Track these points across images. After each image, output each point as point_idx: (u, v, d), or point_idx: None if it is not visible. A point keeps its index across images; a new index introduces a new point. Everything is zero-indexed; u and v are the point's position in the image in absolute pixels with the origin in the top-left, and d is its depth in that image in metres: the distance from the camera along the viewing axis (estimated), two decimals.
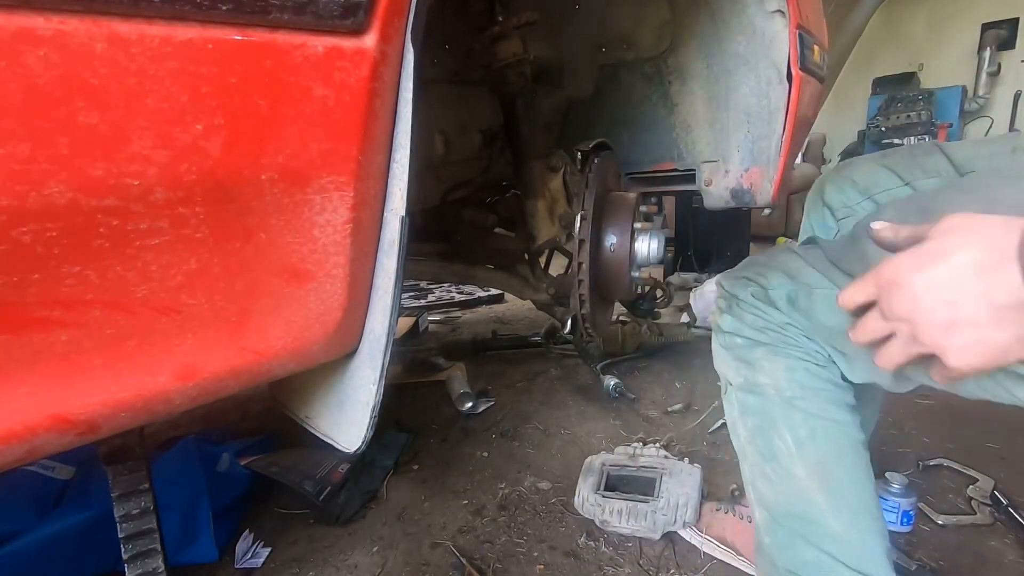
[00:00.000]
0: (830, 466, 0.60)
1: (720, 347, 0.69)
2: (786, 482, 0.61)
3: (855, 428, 0.61)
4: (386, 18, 0.48)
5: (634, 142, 1.56)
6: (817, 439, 0.60)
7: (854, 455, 0.61)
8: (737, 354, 0.65)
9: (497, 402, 1.58)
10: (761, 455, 0.63)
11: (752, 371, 0.64)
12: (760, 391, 0.63)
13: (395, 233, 0.57)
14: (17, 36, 0.34)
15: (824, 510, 0.59)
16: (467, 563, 0.95)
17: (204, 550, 0.95)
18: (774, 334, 0.63)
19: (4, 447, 0.42)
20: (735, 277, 0.69)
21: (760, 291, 0.64)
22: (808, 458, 0.60)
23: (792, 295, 0.62)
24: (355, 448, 0.65)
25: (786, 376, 0.61)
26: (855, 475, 0.61)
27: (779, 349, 0.62)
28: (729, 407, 0.68)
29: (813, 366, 0.61)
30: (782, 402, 0.61)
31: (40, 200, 0.37)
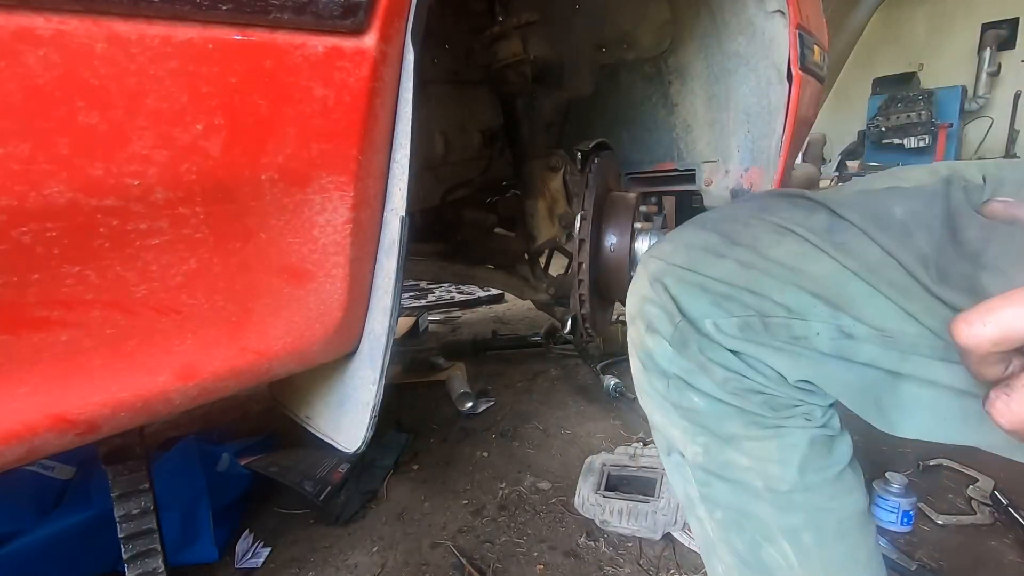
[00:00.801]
0: (844, 572, 0.44)
1: (655, 392, 0.45)
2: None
3: (864, 499, 0.44)
4: (386, 18, 0.48)
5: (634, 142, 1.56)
6: (827, 544, 0.43)
7: (868, 545, 0.45)
8: (693, 418, 0.43)
9: (497, 402, 1.58)
10: (743, 561, 0.45)
11: (719, 446, 0.43)
12: (736, 477, 0.43)
13: (395, 233, 0.57)
14: (17, 36, 0.34)
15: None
16: (467, 563, 0.95)
17: (204, 550, 0.95)
18: (759, 395, 0.41)
19: (4, 447, 0.42)
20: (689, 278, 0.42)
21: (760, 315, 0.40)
22: (815, 570, 0.43)
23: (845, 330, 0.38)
24: (355, 448, 0.65)
25: (780, 458, 0.41)
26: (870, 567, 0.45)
27: (766, 419, 0.41)
28: (680, 479, 0.47)
29: (815, 431, 0.42)
30: (775, 498, 0.42)
31: (40, 200, 0.37)
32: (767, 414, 0.41)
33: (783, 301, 0.39)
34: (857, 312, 0.38)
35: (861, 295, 0.38)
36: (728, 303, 0.41)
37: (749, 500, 0.43)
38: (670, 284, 0.43)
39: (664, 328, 0.43)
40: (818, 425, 0.42)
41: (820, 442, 0.42)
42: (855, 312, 0.38)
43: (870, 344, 0.38)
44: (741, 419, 0.42)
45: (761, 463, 0.42)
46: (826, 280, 0.38)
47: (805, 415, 0.42)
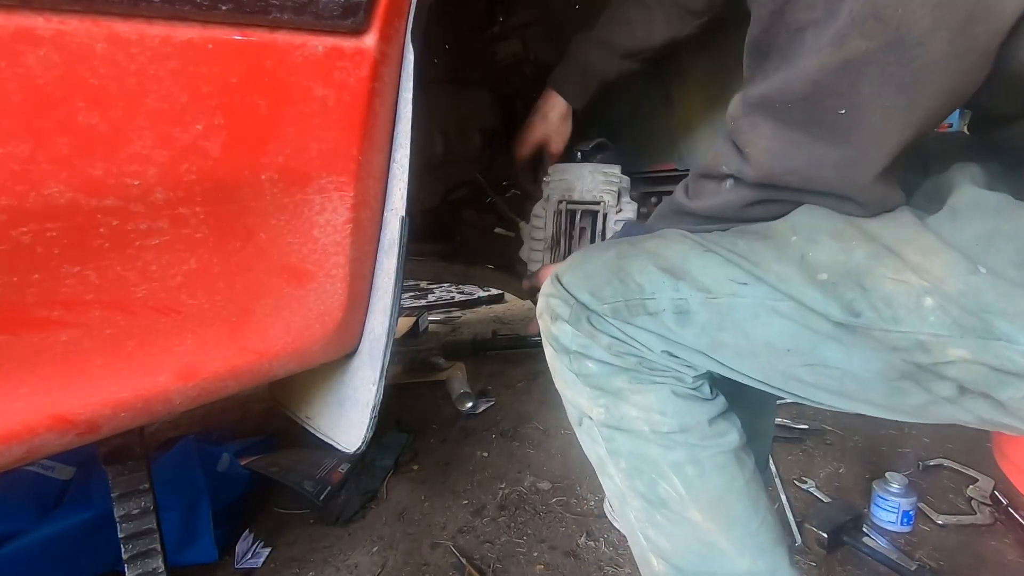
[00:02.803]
0: (726, 501, 0.53)
1: (564, 368, 0.56)
2: (682, 529, 0.53)
3: (738, 440, 0.54)
4: (386, 18, 0.48)
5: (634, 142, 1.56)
6: (707, 475, 0.52)
7: (744, 476, 0.54)
8: (591, 381, 0.54)
9: (497, 402, 1.58)
10: (646, 501, 0.54)
11: (615, 402, 0.53)
12: (630, 427, 0.53)
13: (395, 233, 0.57)
14: (17, 36, 0.34)
15: (729, 552, 0.52)
16: (467, 563, 0.95)
17: (204, 550, 0.95)
18: (634, 358, 0.52)
19: (4, 447, 0.42)
20: (581, 268, 0.55)
21: (625, 300, 0.51)
22: (702, 499, 0.52)
23: (682, 306, 0.49)
24: (355, 448, 0.65)
25: (659, 408, 0.51)
26: (751, 499, 0.54)
27: (643, 375, 0.52)
28: (591, 443, 0.57)
29: (684, 389, 0.52)
30: (660, 439, 0.52)
31: (40, 200, 0.37)
32: (644, 372, 0.52)
33: (641, 280, 0.51)
34: (690, 279, 0.49)
35: (696, 265, 0.49)
36: (603, 290, 0.53)
37: (642, 444, 0.53)
38: (565, 281, 0.55)
39: (563, 312, 0.54)
40: (689, 387, 0.52)
41: (691, 397, 0.52)
42: (689, 279, 0.49)
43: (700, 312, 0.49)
44: (625, 375, 0.52)
45: (646, 412, 0.52)
46: (674, 258, 0.51)
47: (676, 377, 0.52)
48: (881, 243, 0.43)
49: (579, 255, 0.58)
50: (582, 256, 0.57)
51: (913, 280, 0.41)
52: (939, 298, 0.40)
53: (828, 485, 1.15)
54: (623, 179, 0.98)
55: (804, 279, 0.45)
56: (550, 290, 0.57)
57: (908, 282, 0.41)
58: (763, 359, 0.48)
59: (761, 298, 0.46)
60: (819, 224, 0.47)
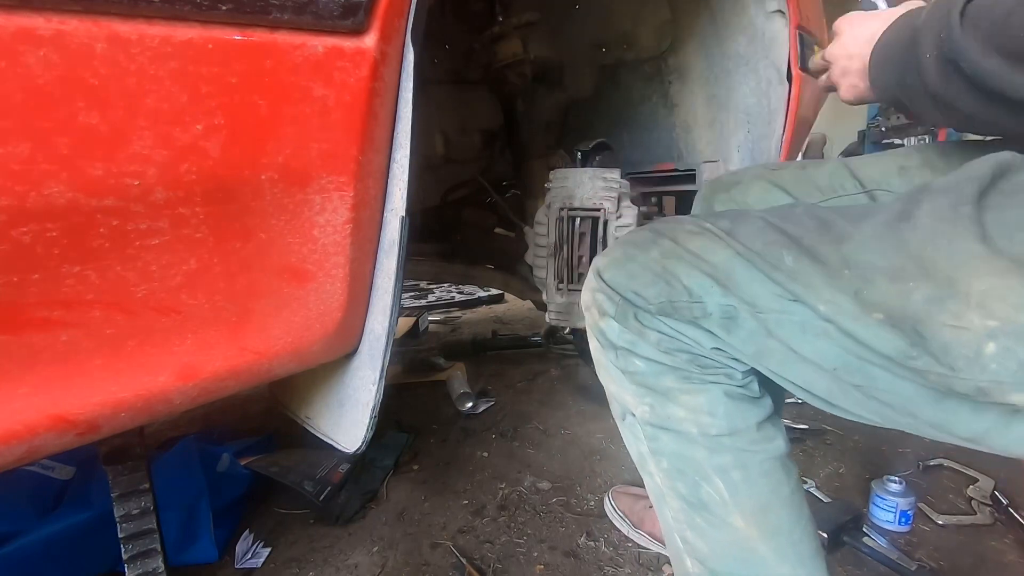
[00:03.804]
0: (771, 508, 0.51)
1: (609, 363, 0.55)
2: (722, 534, 0.52)
3: (785, 447, 0.53)
4: (386, 18, 0.48)
5: (634, 142, 1.56)
6: (753, 480, 0.51)
7: (790, 483, 0.53)
8: (638, 379, 0.53)
9: (497, 402, 1.58)
10: (687, 503, 0.53)
11: (662, 402, 0.52)
12: (676, 428, 0.52)
13: (395, 233, 0.57)
14: (17, 36, 0.34)
15: (768, 559, 0.51)
16: (467, 563, 0.95)
17: (204, 550, 0.95)
18: (686, 356, 0.51)
19: (4, 447, 0.42)
20: (624, 267, 0.54)
21: (671, 302, 0.50)
22: (746, 505, 0.51)
23: (730, 312, 0.49)
24: (355, 448, 0.65)
25: (709, 409, 0.50)
26: (795, 507, 0.53)
27: (694, 375, 0.51)
28: (633, 439, 0.56)
29: (735, 389, 0.51)
30: (707, 442, 0.51)
31: (40, 200, 0.37)
32: (694, 371, 0.51)
33: (688, 283, 0.50)
34: (738, 290, 0.48)
35: (743, 277, 0.48)
36: (648, 289, 0.51)
37: (687, 446, 0.52)
38: (608, 277, 0.54)
39: (610, 308, 0.54)
40: (738, 384, 0.51)
41: (741, 397, 0.51)
42: (737, 290, 0.48)
43: (747, 320, 0.48)
44: (674, 375, 0.52)
45: (694, 413, 0.51)
46: (720, 265, 0.49)
47: (726, 374, 0.51)
48: (942, 277, 0.40)
49: (618, 250, 0.56)
50: (622, 252, 0.55)
51: (976, 323, 0.38)
52: (1004, 340, 0.37)
53: (828, 485, 1.15)
54: (623, 184, 0.99)
55: (858, 313, 0.43)
56: (593, 284, 0.56)
57: (969, 328, 0.39)
58: (809, 369, 0.47)
59: (810, 318, 0.45)
60: (875, 261, 0.43)
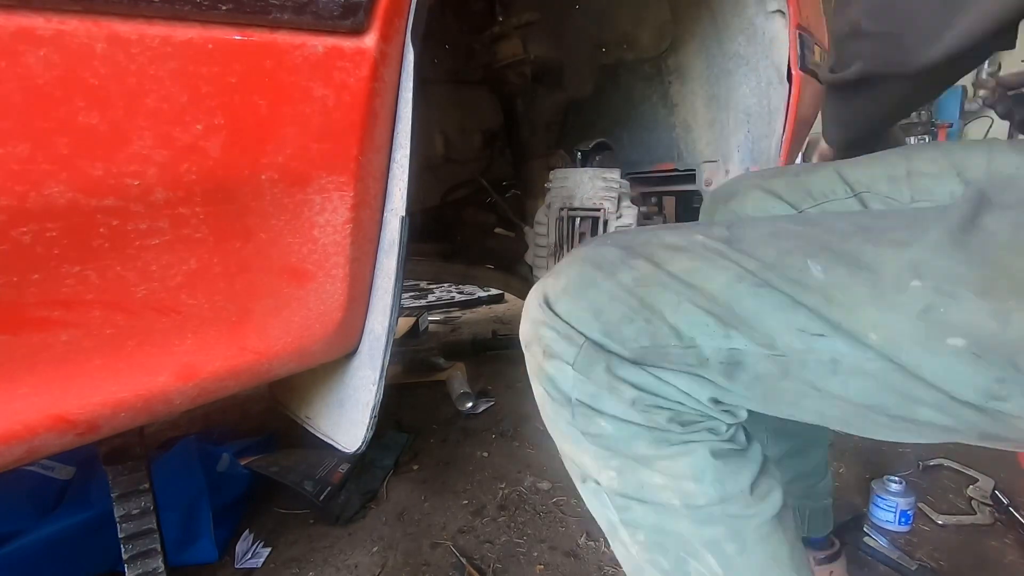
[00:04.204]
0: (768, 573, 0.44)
1: (564, 423, 0.44)
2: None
3: (781, 500, 0.44)
4: (386, 18, 0.48)
5: (634, 142, 1.56)
6: (749, 550, 0.42)
7: (788, 542, 0.45)
8: (602, 443, 0.42)
9: (497, 402, 1.58)
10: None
11: (633, 468, 0.42)
12: (653, 498, 0.42)
13: (395, 233, 0.57)
14: (17, 36, 0.34)
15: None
16: (467, 563, 0.95)
17: (204, 550, 0.95)
18: (668, 413, 0.41)
19: (4, 447, 0.42)
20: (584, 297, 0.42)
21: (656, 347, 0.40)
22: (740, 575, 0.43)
23: (735, 356, 0.39)
24: (355, 448, 0.65)
25: (694, 474, 0.41)
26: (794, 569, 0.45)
27: (671, 434, 0.41)
28: (599, 506, 0.46)
29: (721, 445, 0.42)
30: (694, 514, 0.41)
31: (40, 200, 0.37)
32: (675, 430, 0.41)
33: (675, 322, 0.40)
34: (745, 328, 0.38)
35: (750, 309, 0.38)
36: (621, 330, 0.40)
37: (669, 519, 0.42)
38: (563, 309, 0.42)
39: (566, 352, 0.42)
40: (724, 439, 0.42)
41: (729, 454, 0.42)
42: (743, 328, 0.38)
43: (758, 364, 0.39)
44: (650, 438, 0.41)
45: (676, 480, 0.41)
46: (719, 295, 0.39)
47: (710, 429, 0.42)
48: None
49: (573, 270, 0.43)
50: (578, 275, 0.43)
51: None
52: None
53: None
54: (623, 184, 0.99)
55: (923, 341, 0.34)
56: (540, 316, 0.43)
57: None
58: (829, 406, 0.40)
59: (844, 353, 0.36)
60: (957, 270, 0.34)
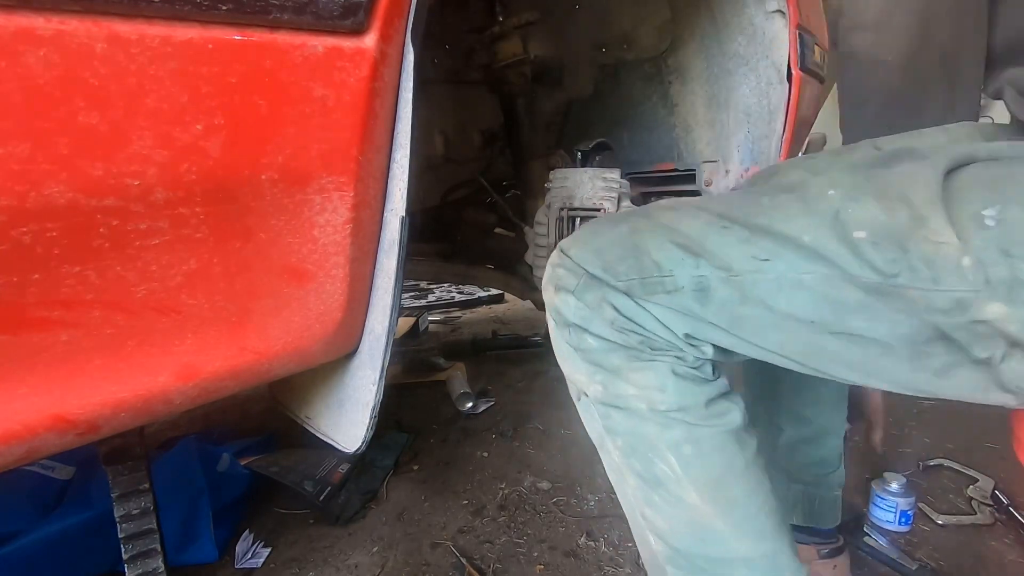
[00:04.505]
0: (725, 482, 0.51)
1: (564, 343, 0.55)
2: (678, 510, 0.52)
3: (740, 420, 0.52)
4: (386, 18, 0.48)
5: (634, 142, 1.56)
6: (705, 454, 0.51)
7: (744, 457, 0.52)
8: (589, 357, 0.53)
9: (497, 402, 1.58)
10: (643, 480, 0.53)
11: (612, 380, 0.52)
12: (626, 405, 0.51)
13: (395, 233, 0.57)
14: (17, 36, 0.34)
15: (727, 536, 0.51)
16: (467, 563, 0.95)
17: (204, 550, 0.95)
18: (637, 335, 0.51)
19: (4, 447, 0.42)
20: (590, 244, 0.53)
21: (641, 279, 0.50)
22: (699, 479, 0.51)
23: (702, 283, 0.48)
24: (355, 448, 0.65)
25: (657, 385, 0.50)
26: (751, 482, 0.53)
27: (643, 353, 0.51)
28: (589, 419, 0.57)
29: (684, 368, 0.51)
30: (657, 417, 0.50)
31: (40, 200, 0.37)
32: (645, 350, 0.51)
33: (657, 258, 0.49)
34: (710, 256, 0.48)
35: (715, 243, 0.48)
36: (617, 266, 0.50)
37: (639, 423, 0.52)
38: (573, 253, 0.53)
39: (570, 283, 0.52)
40: (688, 365, 0.51)
41: (690, 376, 0.51)
42: (708, 256, 0.48)
43: (720, 289, 0.48)
44: (624, 353, 0.51)
45: (643, 390, 0.51)
46: (693, 235, 0.49)
47: (677, 356, 0.51)
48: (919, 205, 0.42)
49: (587, 229, 0.55)
50: (591, 230, 0.55)
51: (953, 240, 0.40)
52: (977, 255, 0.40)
53: None
54: (623, 184, 0.98)
55: (836, 236, 0.43)
56: (555, 260, 0.55)
57: (949, 243, 0.40)
58: (785, 332, 0.48)
59: (784, 271, 0.46)
60: (860, 183, 0.45)
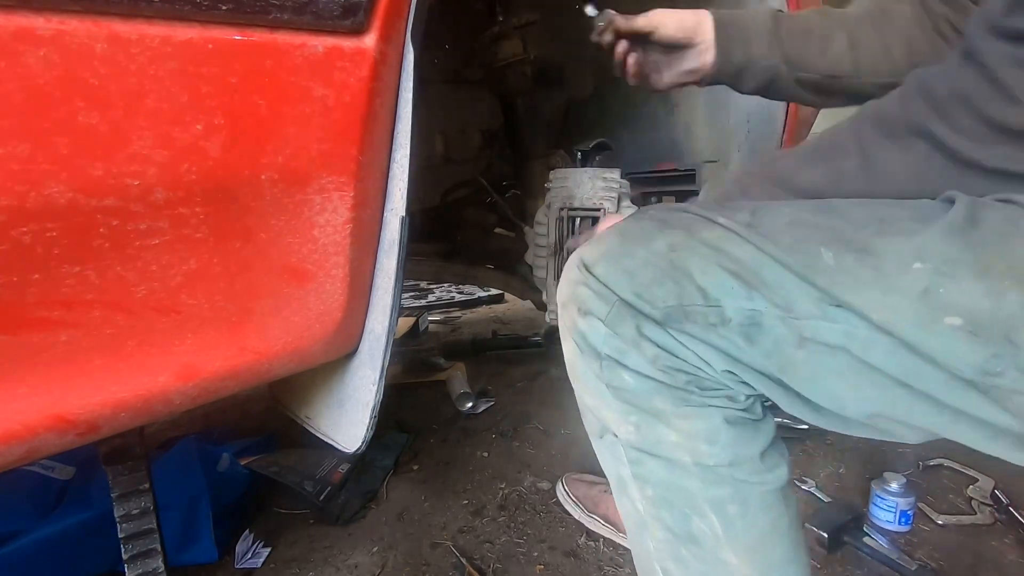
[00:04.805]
0: (768, 544, 0.46)
1: (589, 373, 0.47)
2: (710, 569, 0.47)
3: (787, 476, 0.47)
4: (386, 18, 0.48)
5: (634, 142, 1.56)
6: (751, 515, 0.45)
7: (789, 516, 0.47)
8: (625, 396, 0.45)
9: (497, 402, 1.58)
10: (673, 534, 0.47)
11: (651, 424, 0.45)
12: (666, 455, 0.45)
13: (395, 233, 0.57)
14: (17, 36, 0.34)
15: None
16: (467, 563, 0.95)
17: (204, 550, 0.95)
18: (685, 375, 0.44)
19: (4, 447, 0.42)
20: (621, 262, 0.45)
21: (682, 306, 0.42)
22: (740, 541, 0.45)
23: (755, 318, 0.41)
24: (355, 448, 0.65)
25: (707, 436, 0.44)
26: (793, 543, 0.48)
27: (693, 396, 0.44)
28: (612, 460, 0.49)
29: (737, 413, 0.45)
30: (703, 473, 0.44)
31: (40, 200, 0.37)
32: (694, 391, 0.44)
33: (703, 284, 0.42)
34: (767, 290, 0.41)
35: (772, 277, 0.41)
36: (652, 290, 0.43)
37: (679, 475, 0.45)
38: (600, 272, 0.46)
39: (599, 309, 0.45)
40: (741, 408, 0.45)
41: (743, 423, 0.45)
42: (765, 290, 0.41)
43: (776, 327, 0.41)
44: (669, 395, 0.44)
45: (689, 439, 0.44)
46: (746, 262, 0.42)
47: (729, 396, 0.45)
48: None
49: (614, 241, 0.47)
50: (619, 245, 0.46)
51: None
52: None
53: (828, 485, 1.15)
54: (623, 184, 0.98)
55: (922, 319, 0.36)
56: (578, 277, 0.47)
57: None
58: (846, 386, 0.41)
59: (854, 331, 0.39)
60: (955, 255, 0.36)
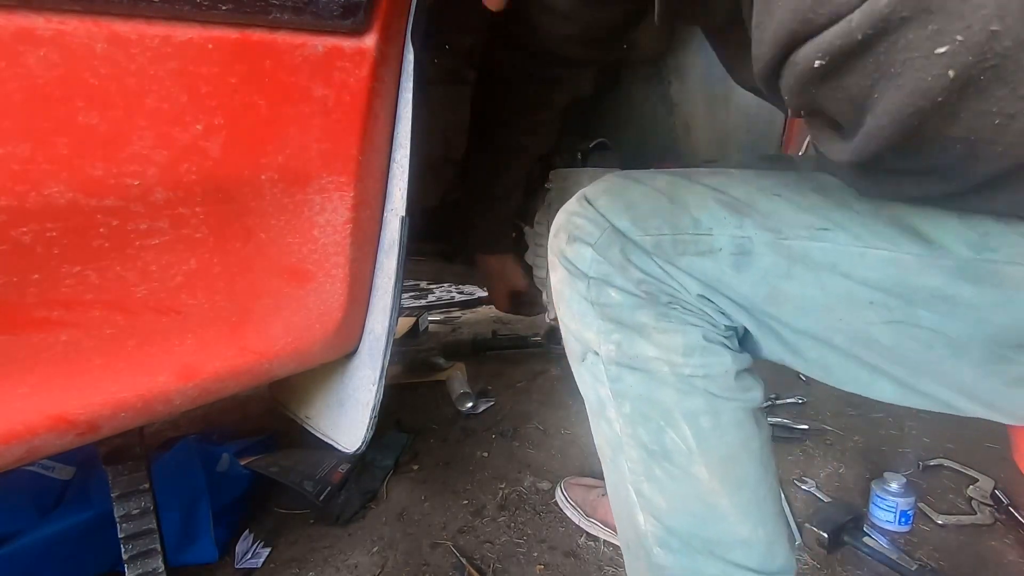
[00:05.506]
0: (738, 461, 0.47)
1: (575, 295, 0.49)
2: (683, 486, 0.47)
3: (760, 400, 0.48)
4: (386, 18, 0.48)
5: (634, 142, 1.56)
6: (723, 429, 0.46)
7: (761, 437, 0.49)
8: (608, 312, 0.47)
9: (497, 402, 1.58)
10: (647, 451, 0.48)
11: (632, 339, 0.47)
12: (644, 367, 0.46)
13: (395, 233, 0.57)
14: (17, 36, 0.34)
15: (730, 516, 0.47)
16: (467, 563, 0.95)
17: (204, 550, 0.95)
18: (668, 296, 0.46)
19: (4, 447, 0.42)
20: (622, 195, 0.48)
21: (673, 236, 0.45)
22: (712, 454, 0.46)
23: (745, 246, 0.43)
24: (355, 448, 0.65)
25: (684, 350, 0.45)
26: (763, 463, 0.49)
27: (672, 311, 0.46)
28: (592, 381, 0.50)
29: (715, 335, 0.47)
30: (679, 383, 0.46)
31: (40, 200, 0.37)
32: (676, 309, 0.47)
33: (697, 214, 0.45)
34: (757, 216, 0.43)
35: (768, 207, 0.43)
36: (648, 219, 0.46)
37: (656, 387, 0.47)
38: (601, 204, 0.48)
39: (590, 235, 0.47)
40: (720, 332, 0.47)
41: (720, 344, 0.47)
42: (756, 216, 0.43)
43: (765, 255, 0.43)
44: (652, 310, 0.46)
45: (667, 352, 0.46)
46: (740, 196, 0.45)
47: (709, 321, 0.47)
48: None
49: (617, 179, 0.49)
50: (621, 181, 0.49)
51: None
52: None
53: (828, 485, 1.15)
54: None
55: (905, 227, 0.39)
56: (576, 208, 0.49)
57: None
58: (831, 315, 0.42)
59: (846, 243, 0.40)
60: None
